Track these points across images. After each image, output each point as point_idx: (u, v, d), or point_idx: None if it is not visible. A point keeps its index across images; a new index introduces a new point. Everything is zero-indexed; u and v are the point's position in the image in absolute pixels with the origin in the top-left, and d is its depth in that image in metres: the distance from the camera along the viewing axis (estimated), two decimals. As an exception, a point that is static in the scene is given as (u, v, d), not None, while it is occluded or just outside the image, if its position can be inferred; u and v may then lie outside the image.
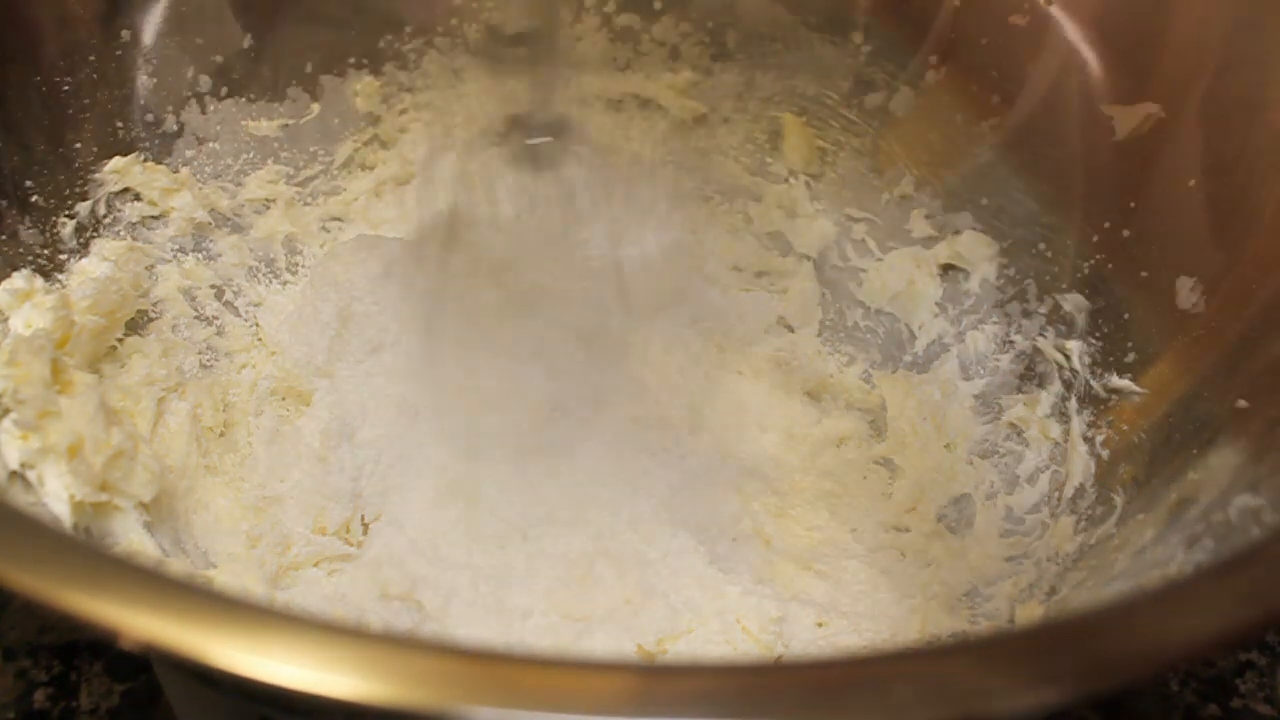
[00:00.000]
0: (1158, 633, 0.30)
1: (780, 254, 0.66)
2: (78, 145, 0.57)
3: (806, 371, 0.62)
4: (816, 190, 0.68)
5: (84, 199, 0.57)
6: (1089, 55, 0.60)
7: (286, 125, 0.65)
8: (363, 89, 0.66)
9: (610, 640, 0.49)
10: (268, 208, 0.64)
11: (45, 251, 0.55)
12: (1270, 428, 0.46)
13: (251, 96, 0.63)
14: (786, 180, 0.68)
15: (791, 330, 0.64)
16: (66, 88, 0.56)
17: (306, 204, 0.66)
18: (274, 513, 0.53)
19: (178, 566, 0.46)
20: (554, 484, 0.55)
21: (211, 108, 0.62)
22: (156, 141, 0.60)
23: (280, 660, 0.27)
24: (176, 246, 0.60)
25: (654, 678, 0.28)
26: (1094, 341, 0.57)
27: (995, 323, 0.62)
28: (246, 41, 0.62)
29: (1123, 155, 0.58)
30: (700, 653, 0.49)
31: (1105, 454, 0.54)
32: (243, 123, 0.63)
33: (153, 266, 0.59)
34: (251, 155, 0.64)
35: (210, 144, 0.62)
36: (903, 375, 0.62)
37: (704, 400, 0.60)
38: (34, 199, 0.55)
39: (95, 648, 0.52)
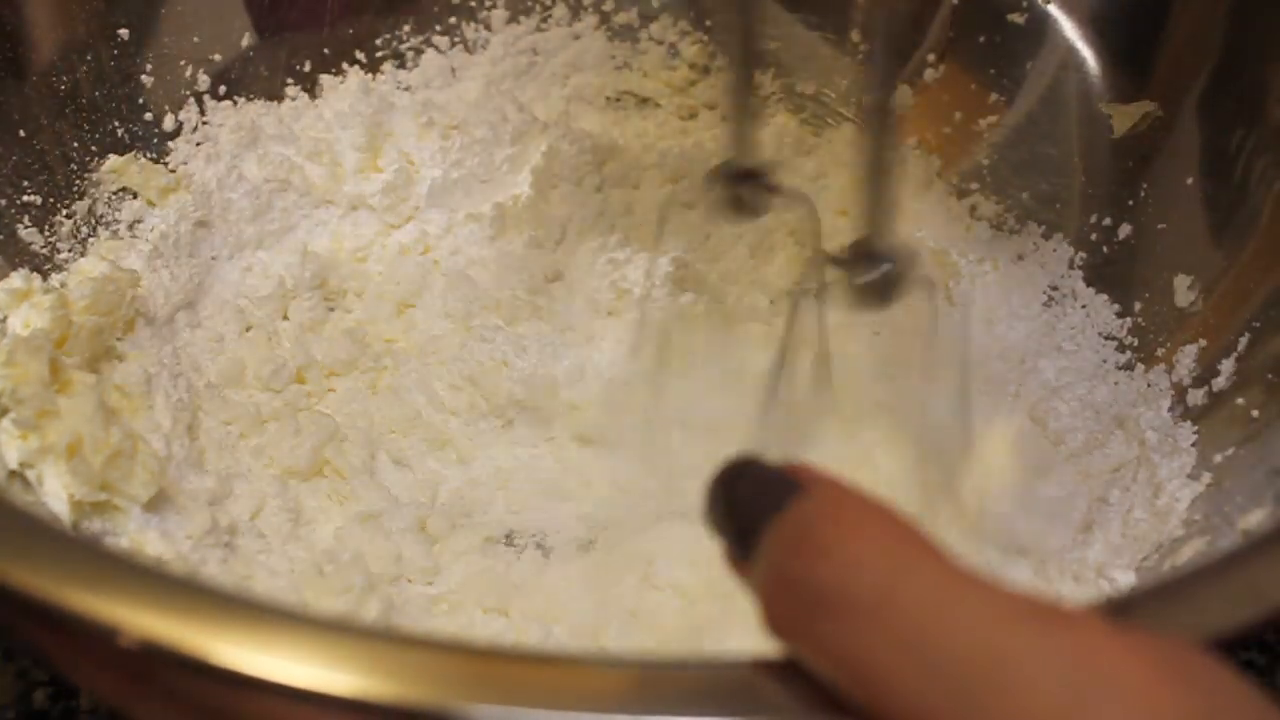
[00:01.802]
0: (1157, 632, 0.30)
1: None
2: (75, 144, 0.57)
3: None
4: (816, 189, 0.67)
5: (82, 198, 0.57)
6: (1087, 53, 0.60)
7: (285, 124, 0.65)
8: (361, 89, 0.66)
9: (614, 640, 0.49)
10: (266, 207, 0.64)
11: (43, 251, 0.54)
12: (1268, 427, 0.46)
13: (250, 96, 0.63)
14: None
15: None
16: (64, 86, 0.56)
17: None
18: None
19: (178, 566, 0.46)
20: (554, 482, 0.56)
21: (210, 106, 0.62)
22: (155, 140, 0.60)
23: (280, 659, 0.27)
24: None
25: (654, 675, 0.28)
26: (1092, 340, 0.57)
27: (994, 322, 0.62)
28: (245, 41, 0.62)
29: (1121, 153, 0.58)
30: (701, 652, 0.49)
31: (1104, 452, 0.54)
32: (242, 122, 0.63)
33: (151, 265, 0.59)
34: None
35: (209, 143, 0.62)
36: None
37: (703, 400, 0.60)
38: (32, 198, 0.54)
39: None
